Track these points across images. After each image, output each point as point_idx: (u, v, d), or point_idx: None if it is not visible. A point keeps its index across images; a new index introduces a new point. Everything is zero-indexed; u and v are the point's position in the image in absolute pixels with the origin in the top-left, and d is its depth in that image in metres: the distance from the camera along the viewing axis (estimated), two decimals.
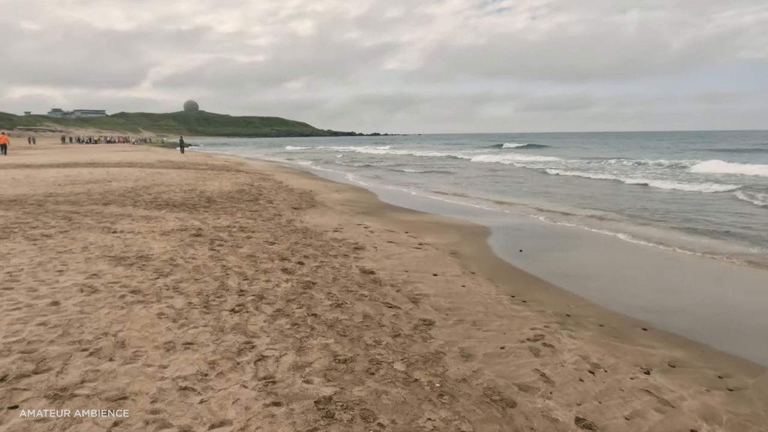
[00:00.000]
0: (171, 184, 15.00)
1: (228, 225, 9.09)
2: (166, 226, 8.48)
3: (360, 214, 12.16)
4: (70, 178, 15.70)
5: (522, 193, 17.87)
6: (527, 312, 5.35)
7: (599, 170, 26.79)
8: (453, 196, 16.90)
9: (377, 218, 11.65)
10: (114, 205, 10.83)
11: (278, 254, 6.92)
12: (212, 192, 13.94)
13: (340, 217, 11.32)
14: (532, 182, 21.58)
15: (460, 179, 23.71)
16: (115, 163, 24.89)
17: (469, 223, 11.35)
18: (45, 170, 18.60)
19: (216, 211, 10.85)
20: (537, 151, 56.29)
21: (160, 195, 12.83)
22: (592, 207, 13.99)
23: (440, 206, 14.47)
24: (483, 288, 6.14)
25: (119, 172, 18.07)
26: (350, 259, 7.06)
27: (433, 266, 7.12)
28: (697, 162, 28.13)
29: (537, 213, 13.04)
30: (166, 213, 10.13)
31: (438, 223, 11.35)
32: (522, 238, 9.89)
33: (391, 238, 9.08)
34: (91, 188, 13.47)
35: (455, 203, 15.16)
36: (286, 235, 8.44)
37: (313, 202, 13.64)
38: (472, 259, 7.81)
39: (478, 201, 15.54)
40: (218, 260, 6.32)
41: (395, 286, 5.91)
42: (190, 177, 17.58)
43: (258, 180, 18.36)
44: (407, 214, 12.71)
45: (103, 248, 6.48)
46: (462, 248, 8.63)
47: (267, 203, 12.63)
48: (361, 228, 9.94)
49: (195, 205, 11.48)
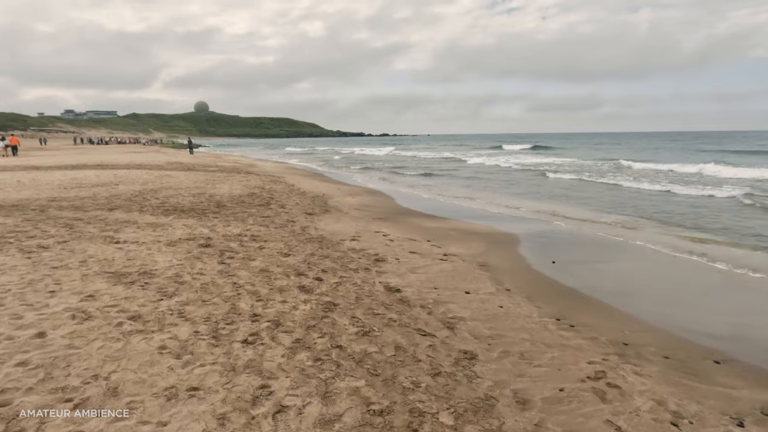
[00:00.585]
0: (179, 188, 14.50)
1: (239, 233, 8.51)
2: (173, 235, 7.92)
3: (377, 219, 11.55)
4: (77, 181, 15.25)
5: (539, 196, 17.17)
6: (578, 340, 4.69)
7: (611, 173, 25.97)
8: (468, 199, 16.23)
9: (395, 225, 11.03)
10: (119, 211, 10.31)
11: (294, 268, 6.32)
12: (222, 196, 13.41)
13: (356, 223, 10.71)
14: (547, 185, 20.84)
15: (471, 182, 23.02)
16: (123, 164, 24.51)
17: (492, 230, 10.70)
18: (52, 173, 18.20)
19: (226, 217, 10.29)
20: (548, 153, 55.44)
21: (168, 199, 12.31)
22: (615, 212, 13.26)
23: (458, 211, 13.82)
24: (523, 309, 5.50)
25: (127, 175, 17.63)
26: (372, 274, 6.44)
27: (463, 281, 6.48)
28: (711, 164, 27.09)
29: (558, 219, 12.35)
30: (173, 219, 9.59)
31: (460, 230, 10.70)
32: (550, 247, 9.22)
33: (414, 247, 8.45)
34: (97, 192, 12.98)
35: (472, 207, 14.50)
36: (301, 245, 7.84)
37: (326, 206, 13.06)
38: (503, 273, 7.16)
39: (496, 205, 14.87)
40: (229, 276, 5.73)
41: (425, 307, 5.28)
42: (199, 180, 17.08)
43: (269, 183, 17.82)
44: (426, 219, 12.08)
45: (103, 262, 5.92)
46: (490, 259, 7.98)
47: (279, 208, 12.06)
48: (380, 236, 9.33)
49: (204, 210, 10.94)
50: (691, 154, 41.79)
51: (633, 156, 41.59)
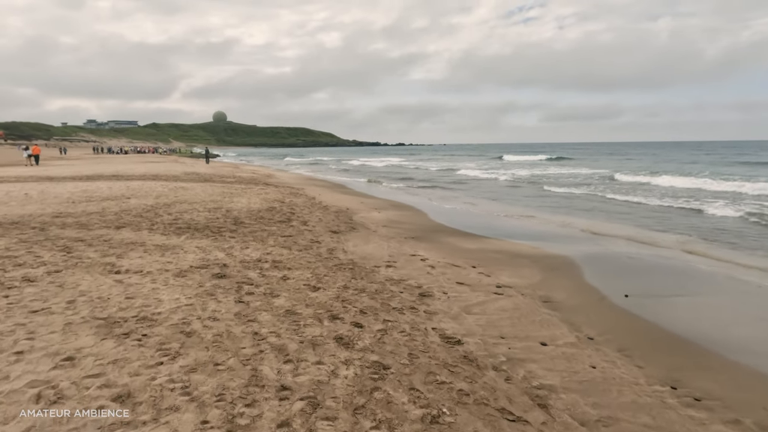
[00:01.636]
0: (194, 201, 13.54)
1: (258, 258, 7.43)
2: (184, 262, 6.86)
3: (410, 239, 10.40)
4: (87, 193, 14.41)
5: (570, 210, 15.87)
6: (718, 426, 3.46)
7: (643, 191, 24.50)
8: (504, 217, 14.97)
9: (431, 245, 9.87)
10: (127, 229, 9.33)
11: (326, 308, 5.19)
12: (240, 210, 12.40)
13: (388, 244, 9.57)
14: (578, 199, 19.48)
15: (499, 195, 21.76)
16: (139, 175, 23.79)
17: (540, 252, 9.47)
18: (64, 184, 17.44)
19: (244, 236, 9.24)
20: (573, 163, 53.89)
21: (182, 215, 11.32)
22: (663, 229, 11.92)
23: (493, 227, 12.60)
24: (622, 370, 4.27)
25: (140, 187, 16.77)
26: (421, 316, 5.28)
27: (531, 325, 5.29)
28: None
29: (605, 237, 11.08)
30: (185, 240, 8.56)
31: (504, 252, 9.49)
32: (613, 274, 7.98)
33: (460, 276, 7.27)
34: (107, 207, 12.07)
35: (511, 223, 13.25)
36: (330, 274, 6.72)
37: (352, 223, 11.95)
38: (575, 312, 5.94)
39: (534, 220, 13.60)
40: (248, 321, 4.62)
41: (499, 369, 4.09)
42: (215, 192, 16.15)
43: (289, 195, 16.81)
44: (462, 238, 10.89)
45: (96, 303, 4.85)
46: (553, 293, 6.76)
47: (301, 225, 10.99)
48: (418, 261, 8.17)
49: (220, 228, 9.91)
50: (724, 167, 39.88)
51: (659, 167, 39.85)
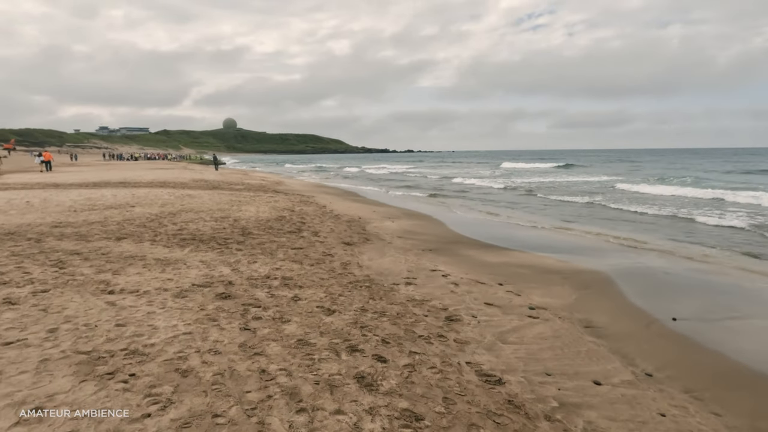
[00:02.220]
0: (201, 210, 13.00)
1: (267, 274, 6.83)
2: (185, 279, 6.27)
3: (428, 251, 9.75)
4: (91, 201, 13.93)
5: (591, 219, 15.13)
6: None
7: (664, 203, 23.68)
8: (521, 226, 14.26)
9: (450, 258, 9.22)
10: (129, 241, 8.78)
11: (343, 336, 4.56)
12: (248, 220, 11.83)
13: (405, 257, 8.94)
14: (596, 207, 18.70)
15: (511, 204, 21.04)
16: (146, 182, 23.39)
17: (569, 267, 8.79)
18: (68, 191, 17.02)
19: (252, 248, 8.66)
20: (585, 171, 53.03)
21: (187, 225, 10.77)
22: (689, 241, 11.16)
23: (513, 238, 11.91)
24: (698, 419, 3.59)
25: (146, 195, 16.29)
26: (451, 346, 4.63)
27: (578, 358, 4.61)
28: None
29: (633, 249, 10.37)
30: (189, 253, 7.98)
31: (530, 266, 8.82)
32: (653, 292, 7.29)
33: (487, 295, 6.61)
34: (110, 216, 11.56)
35: (530, 234, 12.54)
36: (346, 294, 6.09)
37: (366, 233, 11.33)
38: (624, 341, 5.26)
39: (552, 230, 12.89)
40: (254, 355, 3.99)
41: (553, 418, 3.43)
42: (223, 200, 15.62)
43: (299, 204, 16.24)
44: (483, 250, 10.22)
45: (81, 332, 4.25)
46: (593, 315, 6.08)
47: (312, 236, 10.39)
48: (439, 277, 7.53)
49: (226, 239, 9.33)
50: (740, 176, 38.79)
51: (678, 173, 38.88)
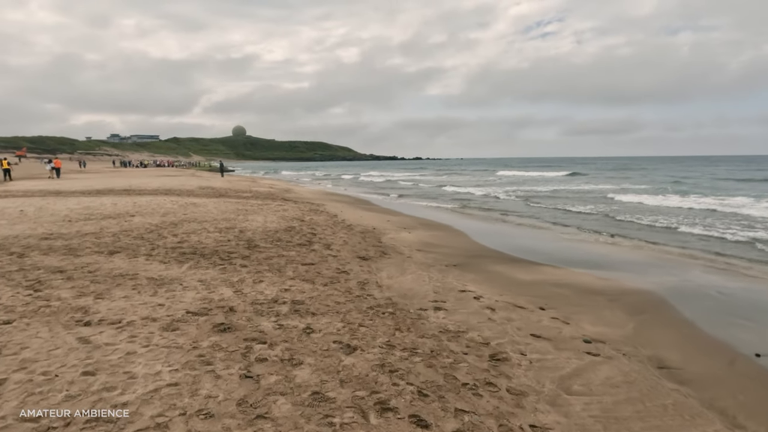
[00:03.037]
0: (205, 220, 12.14)
1: (274, 297, 5.91)
2: (179, 305, 5.36)
3: (452, 267, 8.80)
4: (88, 211, 13.13)
5: (620, 229, 14.06)
6: None
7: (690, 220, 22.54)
8: (541, 236, 13.24)
9: (479, 276, 8.26)
10: (122, 256, 7.91)
11: (369, 387, 3.61)
12: (254, 231, 10.95)
13: (428, 274, 7.99)
14: (610, 217, 17.62)
15: (528, 213, 20.00)
16: (151, 190, 22.66)
17: (613, 286, 7.81)
18: (67, 200, 16.26)
19: (258, 264, 7.76)
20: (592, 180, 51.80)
21: (189, 236, 9.90)
22: (732, 254, 10.10)
23: (542, 250, 10.92)
24: None
25: (149, 203, 15.48)
26: (505, 399, 3.67)
27: (666, 416, 3.64)
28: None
29: (672, 263, 9.34)
30: (188, 270, 7.09)
31: (568, 285, 7.84)
32: (717, 318, 6.31)
33: (530, 324, 5.65)
34: (106, 226, 10.72)
35: (557, 246, 11.52)
36: (367, 322, 5.15)
37: (382, 246, 10.40)
38: (709, 387, 4.27)
39: (577, 240, 11.84)
40: (255, 418, 3.06)
41: None
42: (229, 209, 14.77)
43: (309, 212, 15.35)
44: (513, 266, 9.26)
45: (34, 387, 3.31)
46: (662, 351, 5.10)
47: (324, 249, 9.49)
48: (470, 299, 6.57)
49: (230, 253, 8.44)
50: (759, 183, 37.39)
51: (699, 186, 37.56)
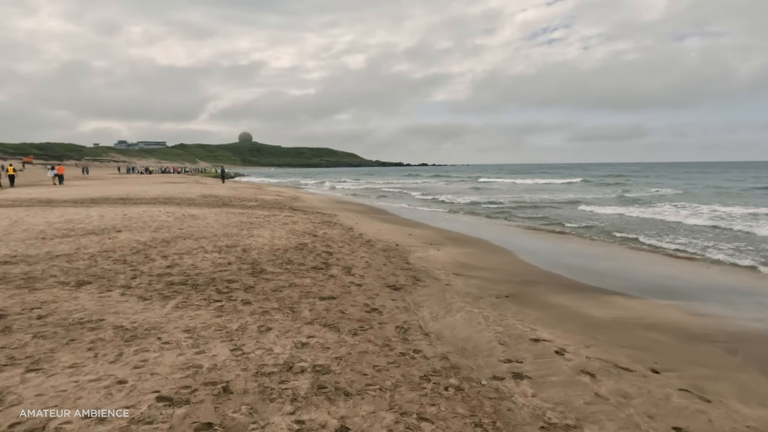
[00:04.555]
0: (203, 236, 10.45)
1: (287, 359, 4.19)
2: (148, 382, 3.64)
3: (504, 299, 7.05)
4: (70, 225, 11.47)
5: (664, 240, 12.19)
6: None
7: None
8: (582, 249, 11.40)
9: (543, 312, 6.51)
10: (93, 288, 6.22)
11: None
12: (260, 250, 9.25)
13: (480, 312, 6.24)
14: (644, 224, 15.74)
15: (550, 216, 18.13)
16: (150, 198, 21.05)
17: (719, 328, 6.07)
18: (51, 211, 14.63)
19: (265, 298, 6.05)
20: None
21: (181, 258, 8.21)
22: None
23: (596, 270, 9.13)
24: None
25: (140, 215, 13.79)
26: None
27: None
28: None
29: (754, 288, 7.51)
30: (172, 311, 5.38)
31: (661, 326, 6.09)
32: None
33: (659, 406, 3.89)
34: (84, 245, 9.05)
35: (611, 266, 9.66)
36: (429, 412, 3.41)
37: (411, 268, 8.68)
38: None
39: (626, 257, 9.97)
40: None
41: None
42: (232, 222, 13.08)
43: (321, 225, 13.64)
44: (578, 295, 7.52)
45: None
46: None
47: (345, 274, 7.78)
48: (551, 353, 4.84)
49: (230, 283, 6.74)
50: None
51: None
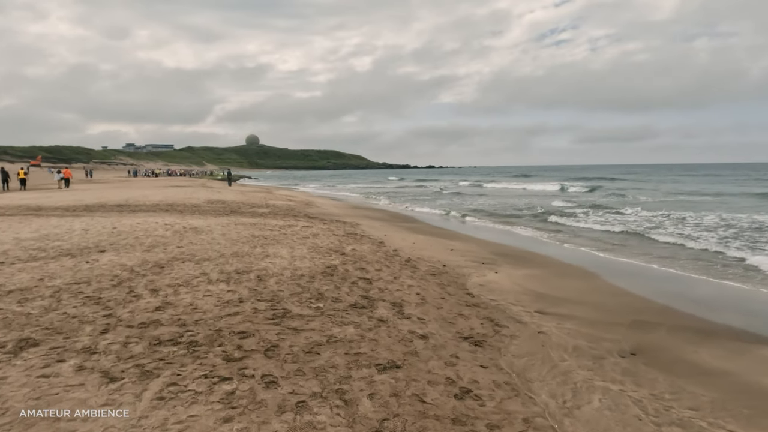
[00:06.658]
0: (206, 258, 8.34)
1: None
2: None
3: (630, 358, 4.89)
4: (43, 243, 9.37)
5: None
6: None
7: None
8: (672, 272, 9.16)
9: (706, 388, 4.35)
10: (41, 350, 4.14)
11: None
12: (280, 278, 7.13)
13: (618, 387, 4.10)
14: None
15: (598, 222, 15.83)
16: (150, 205, 19.01)
17: None
18: (29, 222, 12.52)
19: (296, 374, 3.97)
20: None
21: (176, 294, 6.10)
22: None
23: (717, 303, 6.88)
24: None
25: (133, 228, 11.64)
26: None
27: None
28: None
29: None
30: (150, 409, 3.27)
31: None
32: None
33: None
34: (51, 273, 6.95)
35: (727, 295, 7.43)
36: None
37: (481, 305, 6.55)
38: None
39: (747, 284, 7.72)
40: None
41: None
42: (242, 236, 10.96)
43: (346, 238, 11.51)
44: (724, 349, 5.37)
45: None
46: None
47: (397, 316, 5.67)
48: None
49: (242, 338, 4.64)
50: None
51: None
